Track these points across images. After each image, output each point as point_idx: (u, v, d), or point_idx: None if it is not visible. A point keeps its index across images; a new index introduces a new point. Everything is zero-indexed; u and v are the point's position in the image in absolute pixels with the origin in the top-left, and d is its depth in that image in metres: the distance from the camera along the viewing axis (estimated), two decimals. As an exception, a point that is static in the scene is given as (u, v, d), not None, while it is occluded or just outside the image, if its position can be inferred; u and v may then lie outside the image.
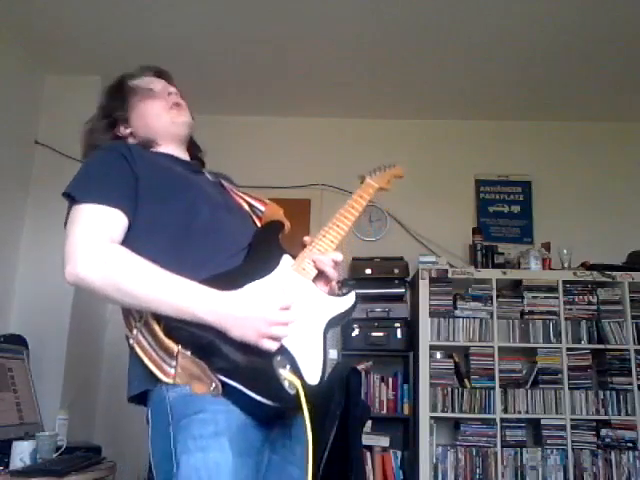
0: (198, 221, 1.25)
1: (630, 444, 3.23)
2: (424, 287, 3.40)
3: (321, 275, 1.29)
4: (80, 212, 1.20)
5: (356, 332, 3.45)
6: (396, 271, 3.57)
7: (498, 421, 3.25)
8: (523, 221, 3.95)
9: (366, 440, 3.01)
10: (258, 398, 1.07)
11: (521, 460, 3.23)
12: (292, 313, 1.15)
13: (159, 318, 1.13)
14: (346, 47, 3.29)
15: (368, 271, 3.58)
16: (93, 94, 3.56)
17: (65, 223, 1.23)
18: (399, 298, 3.56)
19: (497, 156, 4.03)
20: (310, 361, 1.16)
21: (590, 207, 3.90)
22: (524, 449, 3.24)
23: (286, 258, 1.29)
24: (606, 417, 3.25)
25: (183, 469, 1.05)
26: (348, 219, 1.40)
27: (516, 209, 3.98)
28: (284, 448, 1.22)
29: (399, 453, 3.37)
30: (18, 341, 2.81)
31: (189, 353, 1.09)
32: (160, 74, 1.52)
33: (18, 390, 2.51)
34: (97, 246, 1.14)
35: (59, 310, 3.08)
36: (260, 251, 1.27)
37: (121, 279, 1.11)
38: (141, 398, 1.20)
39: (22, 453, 2.10)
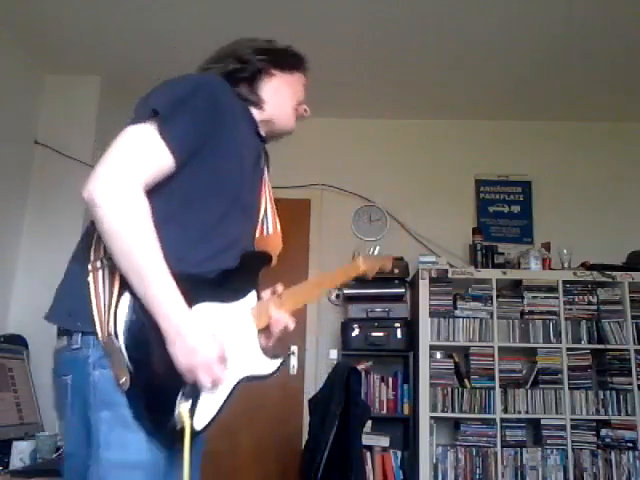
0: (225, 222, 1.24)
1: (630, 444, 3.23)
2: (424, 287, 3.40)
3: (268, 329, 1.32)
4: (145, 135, 1.13)
5: (356, 332, 3.44)
6: (396, 271, 3.56)
7: (498, 421, 3.25)
8: (523, 221, 3.95)
9: (366, 440, 3.01)
10: (147, 414, 1.08)
11: (521, 460, 3.23)
12: (223, 374, 1.13)
13: (122, 284, 1.09)
14: (346, 47, 3.29)
15: (368, 271, 3.57)
16: (93, 94, 3.59)
17: (130, 123, 1.15)
18: (399, 298, 3.56)
19: (497, 156, 4.03)
20: (207, 407, 1.17)
21: (590, 207, 3.90)
22: (524, 449, 3.24)
23: (251, 296, 1.30)
24: (606, 417, 3.25)
25: (102, 465, 1.07)
26: (324, 286, 1.54)
27: (516, 209, 3.98)
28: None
29: (399, 453, 3.37)
30: (18, 341, 2.82)
31: (120, 342, 1.06)
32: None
33: (18, 390, 2.51)
34: (129, 187, 1.08)
35: (59, 310, 3.08)
36: (236, 276, 1.25)
37: (126, 233, 1.07)
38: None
39: (22, 453, 2.10)
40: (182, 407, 1.11)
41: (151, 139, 1.13)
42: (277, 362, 1.32)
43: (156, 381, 1.09)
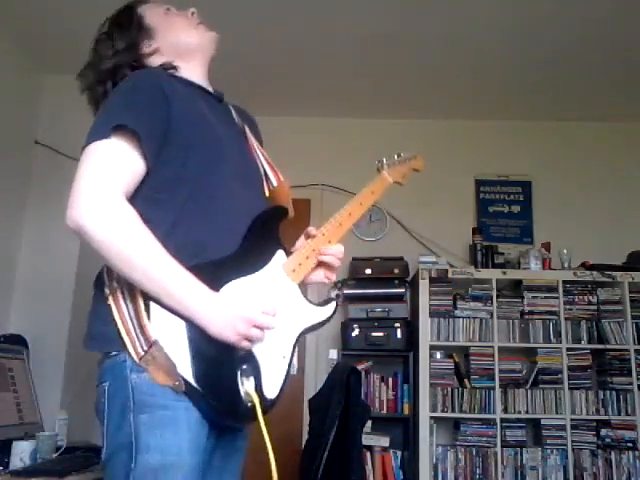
0: (209, 192, 1.21)
1: (630, 444, 3.23)
2: (424, 287, 3.40)
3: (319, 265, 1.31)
4: (105, 146, 1.11)
5: (356, 332, 3.44)
6: (396, 271, 3.56)
7: (498, 421, 3.25)
8: (523, 221, 3.95)
9: (366, 440, 3.02)
10: (217, 406, 1.09)
11: (521, 460, 3.23)
12: (273, 319, 1.14)
13: (145, 295, 1.09)
14: (346, 47, 3.28)
15: (368, 271, 3.57)
16: (93, 94, 3.60)
17: (85, 145, 1.14)
18: (399, 298, 3.56)
19: (497, 156, 4.03)
20: (273, 373, 1.17)
21: (590, 207, 3.90)
22: (524, 449, 3.24)
23: (279, 254, 1.27)
24: (606, 417, 3.25)
25: (140, 468, 1.06)
26: (353, 216, 1.38)
27: (516, 209, 3.98)
28: (227, 456, 1.25)
29: (399, 453, 3.37)
30: (18, 341, 2.81)
31: (164, 349, 1.07)
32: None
33: (18, 390, 2.50)
34: (109, 200, 1.07)
35: (59, 310, 3.07)
36: (256, 241, 1.23)
37: (123, 245, 1.06)
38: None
39: (22, 453, 2.10)
40: (246, 386, 1.11)
41: (112, 147, 1.12)
42: (331, 306, 1.30)
43: (209, 372, 1.09)
